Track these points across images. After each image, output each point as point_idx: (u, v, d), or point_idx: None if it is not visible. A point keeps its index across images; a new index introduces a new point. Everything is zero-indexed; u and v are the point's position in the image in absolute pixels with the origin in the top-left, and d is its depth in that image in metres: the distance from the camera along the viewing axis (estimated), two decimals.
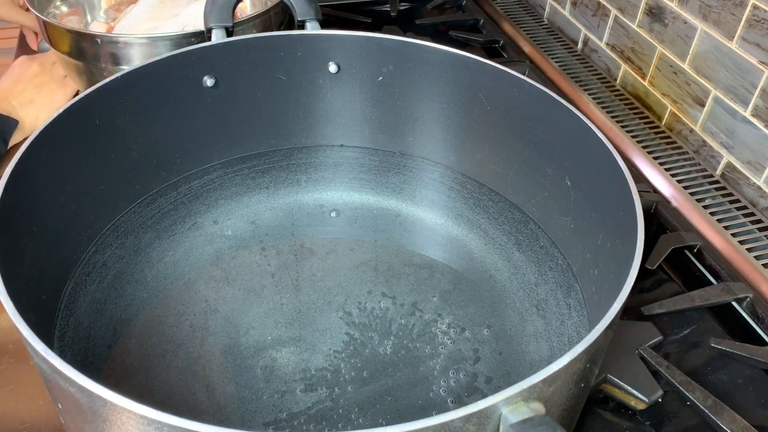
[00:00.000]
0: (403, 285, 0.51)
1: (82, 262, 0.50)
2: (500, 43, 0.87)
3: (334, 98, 0.59)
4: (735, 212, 0.61)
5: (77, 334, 0.45)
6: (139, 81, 0.50)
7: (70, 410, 0.32)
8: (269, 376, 0.44)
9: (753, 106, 0.61)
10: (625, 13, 0.76)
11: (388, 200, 0.58)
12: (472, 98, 0.54)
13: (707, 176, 0.66)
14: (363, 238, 0.55)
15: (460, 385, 0.44)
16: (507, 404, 0.28)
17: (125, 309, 0.48)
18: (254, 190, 0.58)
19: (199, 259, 0.52)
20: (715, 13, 0.63)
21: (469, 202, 0.57)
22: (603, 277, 0.44)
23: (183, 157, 0.57)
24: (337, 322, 0.48)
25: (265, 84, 0.57)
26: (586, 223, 0.48)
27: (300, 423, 0.41)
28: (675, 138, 0.71)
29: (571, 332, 0.47)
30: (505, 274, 0.52)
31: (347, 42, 0.56)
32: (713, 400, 0.45)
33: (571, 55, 0.85)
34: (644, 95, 0.76)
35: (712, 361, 0.49)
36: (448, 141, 0.59)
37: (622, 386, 0.45)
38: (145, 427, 0.28)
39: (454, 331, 0.47)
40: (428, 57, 0.55)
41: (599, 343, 0.32)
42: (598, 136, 0.45)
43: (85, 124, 0.47)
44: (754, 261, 0.56)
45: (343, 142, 0.62)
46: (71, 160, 0.46)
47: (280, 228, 0.55)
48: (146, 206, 0.55)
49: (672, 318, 0.52)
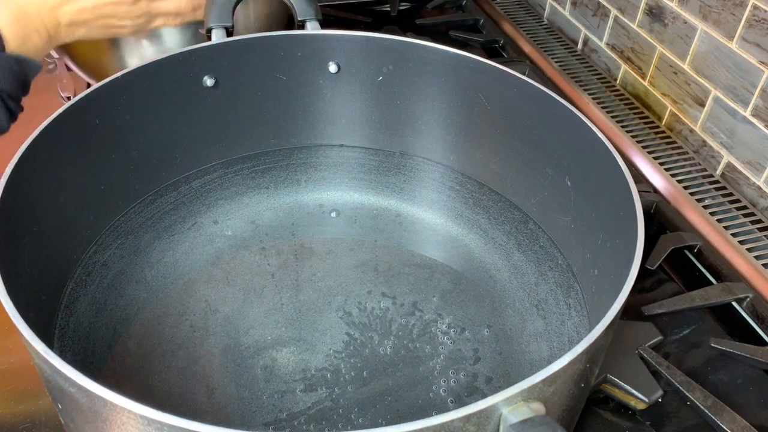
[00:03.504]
0: (403, 285, 0.51)
1: (82, 262, 0.50)
2: (500, 43, 0.87)
3: (334, 98, 0.59)
4: (735, 212, 0.61)
5: (77, 334, 0.45)
6: (138, 81, 0.50)
7: (70, 410, 0.32)
8: (269, 376, 0.44)
9: (753, 106, 0.61)
10: (625, 13, 0.76)
11: (388, 200, 0.58)
12: (472, 98, 0.54)
13: (707, 176, 0.66)
14: (363, 238, 0.55)
15: (460, 385, 0.44)
16: (507, 404, 0.28)
17: (125, 309, 0.48)
18: (254, 190, 0.58)
19: (199, 259, 0.52)
20: (715, 13, 0.63)
21: (469, 202, 0.57)
22: (603, 277, 0.44)
23: (183, 157, 0.57)
24: (337, 322, 0.48)
25: (265, 84, 0.57)
26: (586, 223, 0.48)
27: (300, 423, 0.41)
28: (675, 138, 0.71)
29: (571, 332, 0.47)
30: (505, 274, 0.52)
31: (347, 42, 0.56)
32: (713, 400, 0.45)
33: (571, 55, 0.85)
34: (644, 95, 0.76)
35: (712, 361, 0.49)
36: (448, 141, 0.59)
37: (622, 386, 0.45)
38: (145, 427, 0.28)
39: (454, 331, 0.47)
40: (428, 57, 0.55)
41: (599, 343, 0.32)
42: (598, 136, 0.45)
43: (85, 124, 0.47)
44: (754, 261, 0.56)
45: (343, 142, 0.62)
46: (71, 160, 0.46)
47: (280, 228, 0.55)
48: (146, 206, 0.55)
49: (672, 318, 0.52)
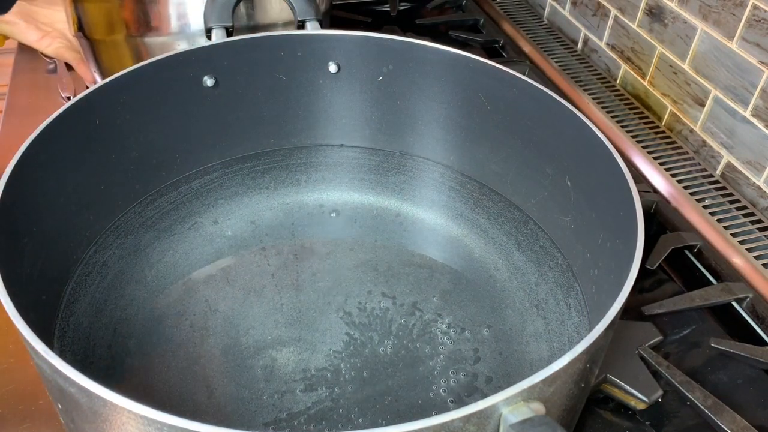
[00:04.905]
0: (403, 285, 0.51)
1: (82, 262, 0.50)
2: (500, 43, 0.87)
3: (334, 98, 0.59)
4: (735, 212, 0.61)
5: (77, 334, 0.45)
6: (139, 81, 0.50)
7: (70, 410, 0.32)
8: (269, 376, 0.44)
9: (753, 106, 0.61)
10: (625, 13, 0.76)
11: (388, 200, 0.58)
12: (472, 98, 0.54)
13: (707, 176, 0.66)
14: (363, 238, 0.55)
15: (460, 385, 0.44)
16: (507, 404, 0.28)
17: (125, 309, 0.48)
18: (254, 190, 0.58)
19: (199, 259, 0.52)
20: (715, 13, 0.63)
21: (469, 202, 0.57)
22: (603, 277, 0.44)
23: (183, 157, 0.57)
24: (337, 322, 0.48)
25: (265, 84, 0.57)
26: (586, 223, 0.48)
27: (300, 423, 0.41)
28: (675, 138, 0.71)
29: (571, 332, 0.47)
30: (505, 274, 0.52)
31: (347, 42, 0.56)
32: (713, 400, 0.45)
33: (571, 55, 0.85)
34: (644, 95, 0.76)
35: (712, 361, 0.49)
36: (448, 141, 0.59)
37: (622, 386, 0.45)
38: (145, 427, 0.28)
39: (454, 331, 0.47)
40: (428, 57, 0.55)
41: (599, 343, 0.32)
42: (598, 136, 0.45)
43: (85, 124, 0.47)
44: (754, 261, 0.56)
45: (343, 142, 0.62)
46: (71, 160, 0.46)
47: (280, 228, 0.55)
48: (146, 206, 0.55)
49: (672, 318, 0.52)
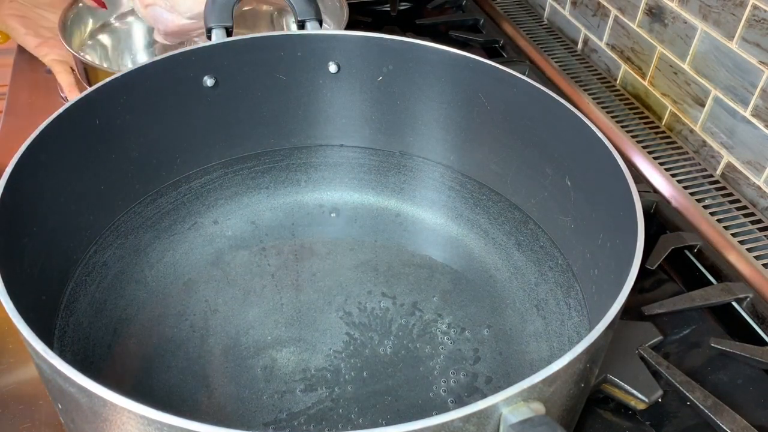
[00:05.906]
0: (403, 285, 0.51)
1: (82, 262, 0.50)
2: (500, 43, 0.87)
3: (334, 98, 0.59)
4: (735, 212, 0.61)
5: (77, 334, 0.45)
6: (139, 81, 0.50)
7: (70, 410, 0.32)
8: (269, 376, 0.44)
9: (753, 106, 0.61)
10: (625, 13, 0.76)
11: (388, 200, 0.58)
12: (472, 98, 0.54)
13: (707, 176, 0.66)
14: (363, 238, 0.55)
15: (460, 385, 0.44)
16: (507, 404, 0.28)
17: (125, 309, 0.48)
18: (254, 190, 0.58)
19: (199, 259, 0.52)
20: (715, 13, 0.63)
21: (469, 202, 0.57)
22: (603, 277, 0.44)
23: (183, 157, 0.57)
24: (337, 322, 0.48)
25: (265, 84, 0.57)
26: (586, 223, 0.48)
27: (300, 423, 0.41)
28: (675, 138, 0.71)
29: (571, 332, 0.47)
30: (505, 274, 0.52)
31: (347, 42, 0.56)
32: (713, 400, 0.45)
33: (571, 55, 0.85)
34: (644, 95, 0.76)
35: (712, 361, 0.49)
36: (448, 141, 0.59)
37: (622, 386, 0.45)
38: (145, 427, 0.28)
39: (454, 331, 0.47)
40: (428, 57, 0.55)
41: (599, 343, 0.32)
42: (598, 136, 0.45)
43: (85, 124, 0.47)
44: (754, 261, 0.56)
45: (343, 142, 0.62)
46: (71, 160, 0.46)
47: (280, 228, 0.55)
48: (146, 206, 0.55)
49: (672, 318, 0.52)
